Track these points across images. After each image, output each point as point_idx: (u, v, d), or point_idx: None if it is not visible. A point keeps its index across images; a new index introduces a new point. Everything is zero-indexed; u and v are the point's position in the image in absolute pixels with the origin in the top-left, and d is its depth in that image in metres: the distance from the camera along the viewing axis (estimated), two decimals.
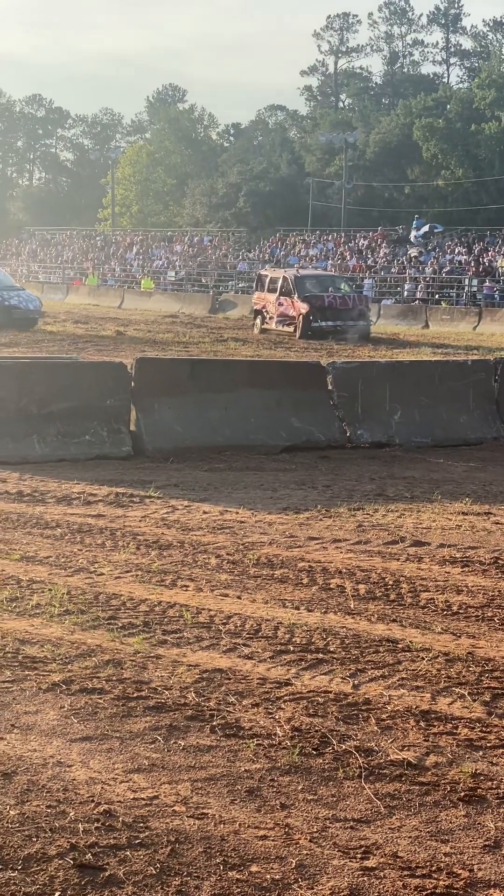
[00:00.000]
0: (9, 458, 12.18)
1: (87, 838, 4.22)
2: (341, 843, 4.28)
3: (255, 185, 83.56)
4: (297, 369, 15.84)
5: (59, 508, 10.08)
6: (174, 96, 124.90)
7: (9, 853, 4.10)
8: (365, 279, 55.25)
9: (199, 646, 6.46)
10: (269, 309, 36.22)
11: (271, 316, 36.04)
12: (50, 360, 16.47)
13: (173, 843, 4.21)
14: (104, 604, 7.19)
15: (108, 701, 5.59)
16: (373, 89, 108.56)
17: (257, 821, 4.43)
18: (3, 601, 7.14)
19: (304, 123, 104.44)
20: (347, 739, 5.21)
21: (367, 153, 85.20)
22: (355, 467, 12.79)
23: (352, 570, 8.19)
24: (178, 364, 15.67)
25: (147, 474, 11.85)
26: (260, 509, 10.24)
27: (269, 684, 5.86)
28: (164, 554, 8.53)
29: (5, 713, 5.40)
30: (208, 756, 5.00)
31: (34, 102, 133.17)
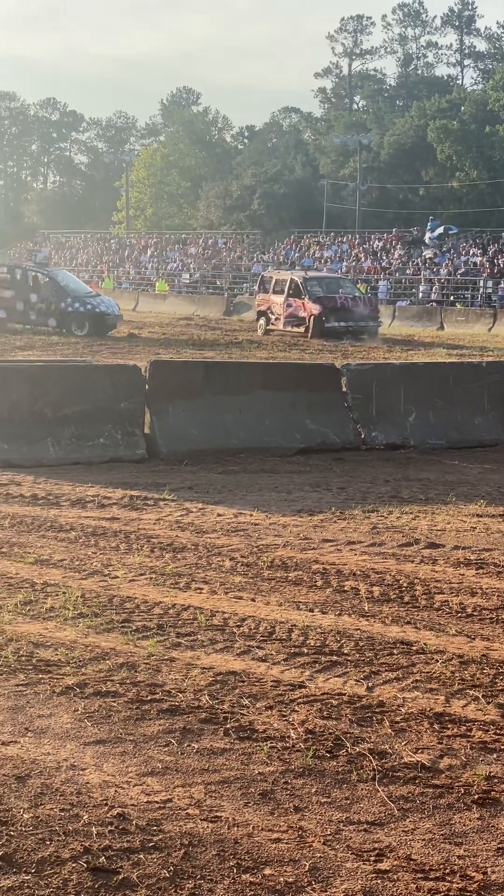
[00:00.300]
0: (23, 461, 12.20)
1: (101, 841, 4.22)
2: (355, 846, 4.27)
3: (270, 187, 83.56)
4: (312, 371, 15.83)
5: (74, 511, 10.09)
6: (188, 99, 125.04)
7: (23, 856, 4.11)
8: (380, 281, 55.22)
9: (213, 648, 6.46)
10: (274, 310, 36.79)
11: (278, 317, 36.59)
12: (64, 363, 16.51)
13: (187, 846, 4.21)
14: (118, 607, 7.20)
15: (122, 704, 5.59)
16: (387, 91, 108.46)
17: (271, 823, 4.42)
18: (18, 604, 7.15)
19: (319, 125, 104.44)
20: (361, 742, 5.20)
21: (382, 155, 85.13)
22: (370, 469, 12.77)
23: (366, 572, 8.18)
24: (193, 367, 15.66)
25: (161, 477, 11.86)
26: (274, 511, 10.23)
27: (283, 687, 5.86)
28: (178, 556, 8.53)
29: (19, 717, 5.41)
30: (222, 759, 5.00)
31: (48, 106, 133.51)
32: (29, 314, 34.35)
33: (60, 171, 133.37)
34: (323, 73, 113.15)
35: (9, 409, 12.54)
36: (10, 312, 34.20)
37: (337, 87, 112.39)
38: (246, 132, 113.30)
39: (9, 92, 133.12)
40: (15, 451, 12.35)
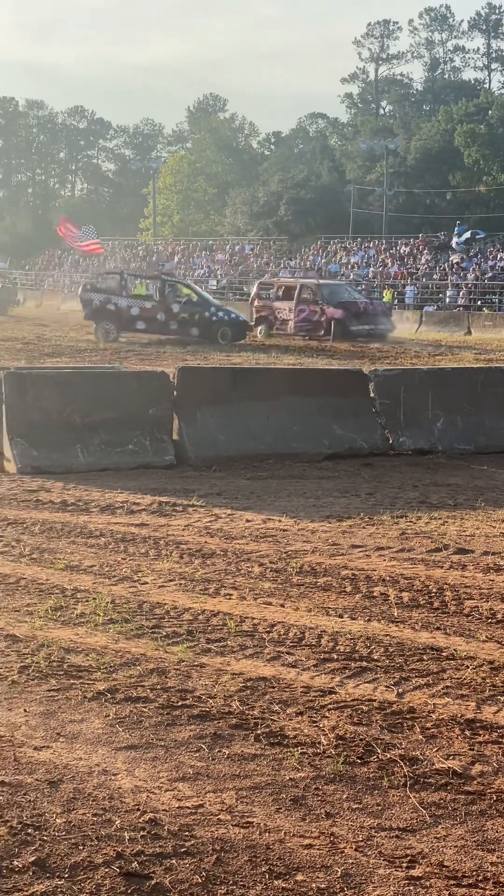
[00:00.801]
0: (53, 468, 12.25)
1: (133, 847, 4.23)
2: (387, 853, 4.27)
3: (296, 193, 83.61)
4: (339, 377, 15.82)
5: (103, 518, 10.12)
6: (215, 106, 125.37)
7: (56, 861, 4.13)
8: (406, 286, 55.14)
9: (243, 654, 6.47)
10: (280, 316, 38.00)
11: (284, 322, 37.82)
12: (93, 369, 16.56)
13: (219, 852, 4.22)
14: (148, 612, 7.22)
15: (153, 710, 5.61)
16: (413, 96, 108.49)
17: (302, 829, 4.43)
18: (48, 610, 7.18)
19: (345, 131, 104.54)
20: (392, 748, 5.19)
21: (409, 160, 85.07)
22: (398, 475, 12.76)
23: (395, 577, 8.17)
24: (220, 373, 15.70)
25: (190, 483, 11.88)
26: (303, 517, 10.24)
27: (314, 693, 5.86)
28: (207, 562, 8.55)
29: (51, 722, 5.43)
30: (253, 765, 5.01)
31: (76, 114, 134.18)
32: (169, 325, 34.40)
33: (88, 178, 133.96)
34: (349, 79, 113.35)
35: (39, 415, 12.59)
36: (150, 323, 34.30)
37: (363, 92, 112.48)
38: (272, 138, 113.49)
39: (37, 100, 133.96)
40: (45, 457, 12.40)
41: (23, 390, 12.59)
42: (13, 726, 5.35)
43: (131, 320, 34.39)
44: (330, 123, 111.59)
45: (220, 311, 35.04)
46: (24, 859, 4.12)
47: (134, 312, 34.45)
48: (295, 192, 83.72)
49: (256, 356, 29.52)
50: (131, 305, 34.65)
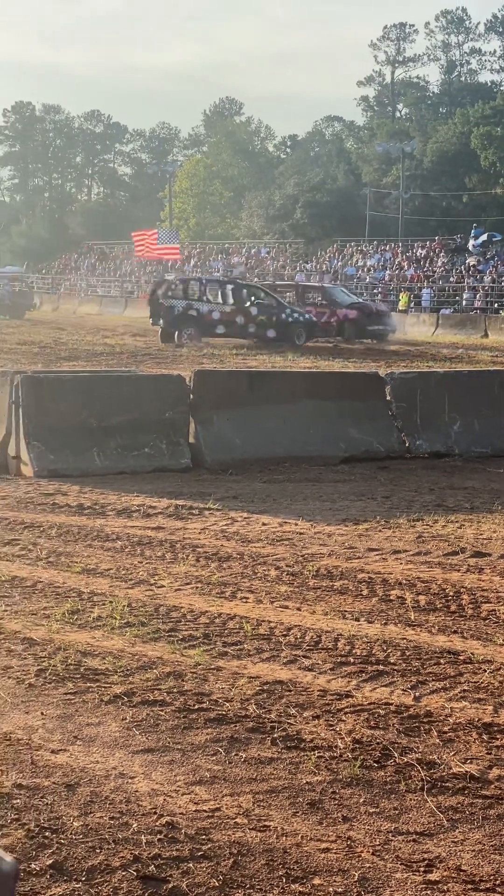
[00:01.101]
0: (70, 471, 12.27)
1: (150, 850, 4.23)
2: (404, 857, 4.26)
3: (312, 196, 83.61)
4: (355, 380, 15.82)
5: (120, 521, 10.13)
6: (231, 109, 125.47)
7: (73, 864, 4.13)
8: (423, 289, 55.08)
9: (260, 657, 6.46)
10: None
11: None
12: (109, 373, 16.59)
13: (236, 856, 4.21)
14: (164, 616, 7.22)
15: (170, 713, 5.61)
16: (430, 98, 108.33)
17: (319, 833, 4.42)
18: (65, 614, 7.19)
19: (361, 134, 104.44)
20: (409, 752, 5.18)
21: (425, 162, 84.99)
22: (414, 478, 12.74)
23: (412, 581, 8.16)
24: (236, 376, 15.71)
25: (206, 486, 11.88)
26: (319, 520, 10.23)
27: (330, 696, 5.85)
28: (223, 566, 8.55)
29: (68, 725, 5.44)
30: (270, 768, 5.00)
31: (92, 118, 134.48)
32: (248, 327, 35.02)
33: (104, 182, 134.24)
34: (365, 82, 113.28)
35: (55, 419, 12.62)
36: (230, 327, 34.85)
37: (380, 95, 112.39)
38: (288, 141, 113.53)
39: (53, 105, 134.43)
40: (62, 461, 12.42)
41: (39, 394, 12.62)
42: (30, 729, 5.35)
43: (213, 325, 34.95)
44: (346, 126, 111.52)
45: (295, 312, 35.81)
46: (41, 862, 4.12)
47: (215, 317, 35.03)
48: (311, 195, 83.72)
49: (273, 359, 29.52)
50: (212, 310, 35.17)
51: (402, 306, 52.99)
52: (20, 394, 12.47)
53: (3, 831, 4.31)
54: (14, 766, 4.93)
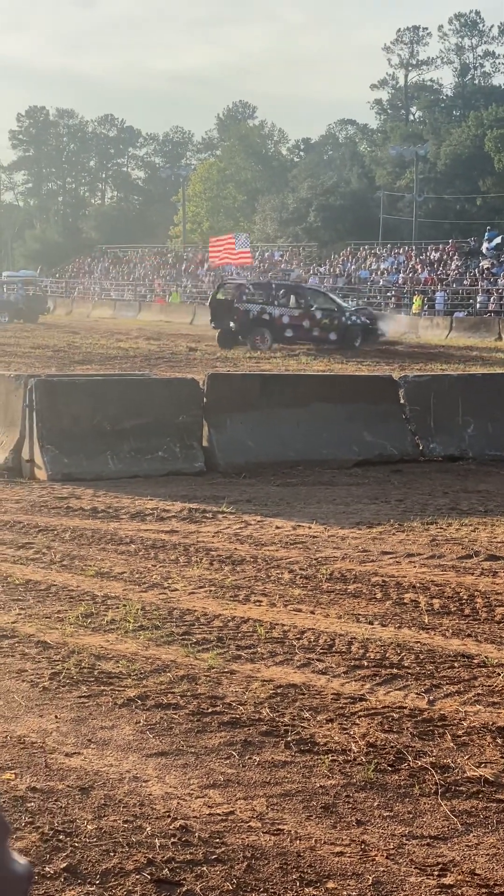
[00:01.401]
0: (83, 475, 12.29)
1: (164, 853, 4.23)
2: (418, 860, 4.25)
3: (326, 199, 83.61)
4: (369, 383, 15.81)
5: (133, 524, 10.14)
6: (244, 113, 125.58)
7: (87, 868, 4.13)
8: (437, 292, 55.02)
9: (273, 661, 6.46)
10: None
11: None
12: (123, 377, 16.60)
13: (249, 859, 4.21)
14: (178, 619, 7.22)
15: (183, 716, 5.61)
16: (443, 101, 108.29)
17: (333, 837, 4.42)
18: (79, 617, 7.20)
19: (375, 137, 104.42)
20: (423, 756, 5.17)
21: (439, 165, 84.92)
22: (428, 481, 12.73)
23: (426, 584, 8.15)
24: (250, 379, 15.70)
25: (220, 490, 11.89)
26: (333, 524, 10.22)
27: (344, 700, 5.85)
28: (237, 569, 8.55)
29: (82, 728, 5.44)
30: (283, 772, 5.00)
31: (106, 122, 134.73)
32: (313, 331, 35.52)
33: (118, 186, 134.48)
34: (379, 85, 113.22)
35: (69, 423, 12.64)
36: (297, 331, 35.39)
37: (393, 98, 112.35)
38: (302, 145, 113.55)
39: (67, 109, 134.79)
40: (75, 464, 12.44)
41: (53, 398, 12.64)
42: (44, 733, 5.36)
43: (283, 328, 35.41)
44: (359, 130, 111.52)
45: (353, 315, 36.31)
46: (55, 865, 4.13)
47: (285, 321, 35.50)
48: (324, 198, 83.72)
49: (286, 362, 29.53)
50: (283, 314, 35.64)
51: (416, 309, 52.95)
52: (34, 397, 12.49)
53: (18, 834, 4.32)
54: (28, 769, 4.94)
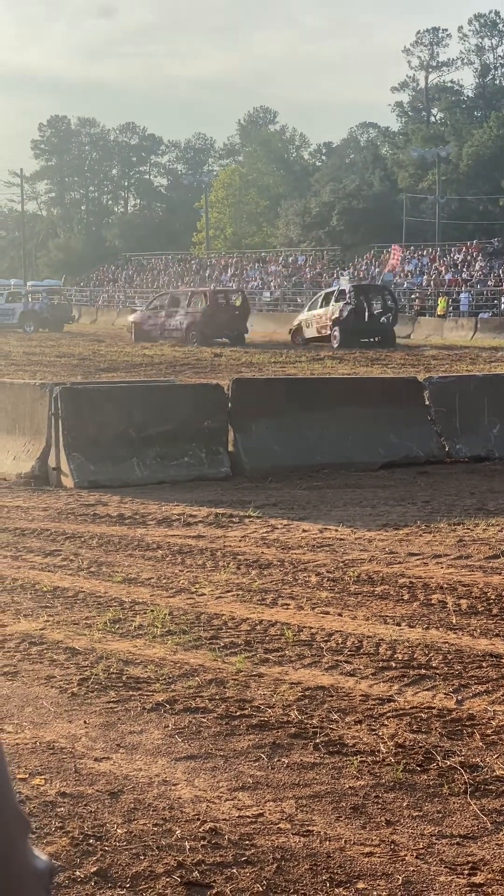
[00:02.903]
0: (110, 482, 12.32)
1: (194, 856, 4.24)
2: (448, 860, 4.25)
3: (349, 202, 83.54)
4: (394, 385, 15.80)
5: (160, 530, 10.16)
6: (265, 118, 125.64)
7: (117, 871, 4.14)
8: (461, 293, 54.88)
9: (301, 663, 6.46)
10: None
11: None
12: (148, 383, 16.64)
13: (279, 861, 4.22)
14: (206, 624, 7.24)
15: (212, 720, 5.62)
16: (465, 102, 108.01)
17: (363, 837, 4.41)
18: (107, 623, 7.22)
19: (396, 139, 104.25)
20: (452, 755, 5.17)
21: (461, 166, 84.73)
22: (455, 482, 12.70)
23: (453, 585, 8.13)
24: (275, 384, 15.73)
25: (246, 494, 11.90)
26: (359, 526, 10.21)
27: (372, 701, 5.84)
28: (264, 573, 8.56)
29: (111, 733, 5.46)
30: (312, 773, 5.00)
31: (128, 130, 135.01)
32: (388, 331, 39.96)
33: (140, 194, 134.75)
34: (400, 87, 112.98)
35: (95, 430, 12.68)
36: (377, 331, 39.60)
37: (414, 100, 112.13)
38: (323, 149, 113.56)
39: (89, 118, 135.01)
40: (102, 471, 12.48)
41: (79, 405, 12.69)
42: (73, 738, 5.38)
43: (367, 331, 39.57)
44: (381, 132, 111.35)
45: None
46: (85, 870, 4.15)
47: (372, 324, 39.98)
48: (347, 201, 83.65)
49: (311, 366, 29.53)
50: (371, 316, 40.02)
51: (441, 311, 52.82)
52: (59, 406, 12.54)
53: (48, 839, 4.34)
54: (58, 774, 4.96)
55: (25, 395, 13.28)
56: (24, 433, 13.05)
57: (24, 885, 1.26)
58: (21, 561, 9.00)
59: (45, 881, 1.30)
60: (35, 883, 1.28)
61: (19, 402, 13.27)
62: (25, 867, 1.27)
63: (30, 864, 1.29)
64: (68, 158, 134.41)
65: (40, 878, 1.29)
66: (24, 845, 1.29)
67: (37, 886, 1.28)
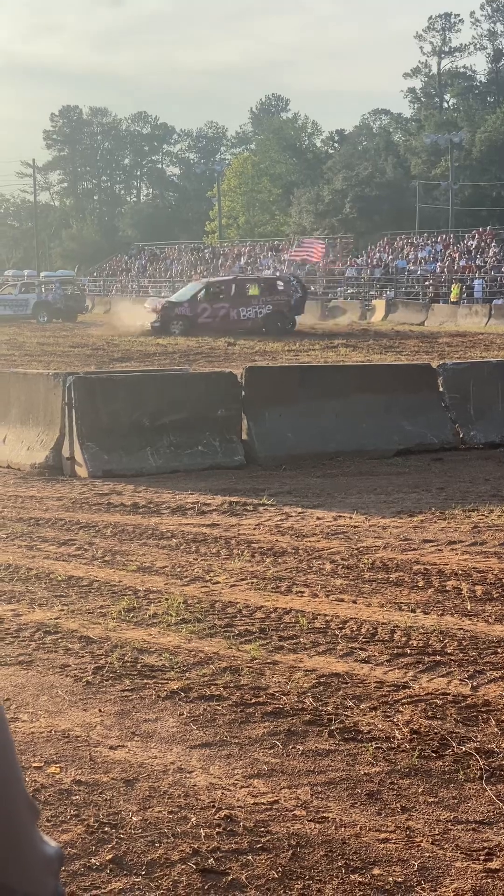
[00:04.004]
0: (123, 471, 12.33)
1: (209, 843, 4.24)
2: (463, 846, 4.24)
3: (361, 190, 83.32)
4: (407, 372, 15.76)
5: (174, 519, 10.17)
6: (277, 106, 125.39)
7: (133, 859, 4.15)
8: (475, 280, 54.73)
9: (316, 651, 6.46)
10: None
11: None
12: (161, 372, 16.64)
13: (295, 847, 4.22)
14: (220, 612, 7.24)
15: (227, 707, 5.62)
16: (477, 88, 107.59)
17: (378, 824, 4.41)
18: (122, 611, 7.23)
19: (409, 126, 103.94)
20: (467, 741, 5.16)
21: (474, 152, 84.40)
22: (469, 469, 12.67)
23: (468, 571, 8.12)
24: (288, 372, 15.70)
25: (260, 482, 11.89)
26: (373, 513, 10.20)
27: (387, 687, 5.84)
28: (278, 561, 8.55)
29: (126, 721, 5.47)
30: (327, 760, 5.00)
31: (140, 120, 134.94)
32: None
33: (153, 183, 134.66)
34: (412, 73, 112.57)
35: (109, 419, 12.68)
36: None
37: (426, 86, 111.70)
38: (336, 136, 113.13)
39: (101, 108, 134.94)
40: (115, 461, 12.48)
41: (92, 395, 12.69)
42: (89, 726, 5.39)
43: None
44: (393, 119, 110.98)
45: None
46: (101, 857, 4.15)
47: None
48: (359, 189, 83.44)
49: (325, 354, 29.50)
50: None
51: (454, 297, 52.70)
52: (73, 395, 12.54)
53: (63, 827, 4.35)
54: (73, 762, 4.97)
55: (39, 386, 13.29)
56: (38, 423, 13.06)
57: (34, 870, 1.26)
58: (35, 550, 9.02)
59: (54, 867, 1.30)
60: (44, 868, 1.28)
61: (33, 393, 13.28)
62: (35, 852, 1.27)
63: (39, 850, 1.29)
64: (80, 148, 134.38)
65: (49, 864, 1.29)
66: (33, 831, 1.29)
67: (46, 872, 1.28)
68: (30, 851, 1.27)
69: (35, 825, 1.29)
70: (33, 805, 1.29)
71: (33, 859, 1.27)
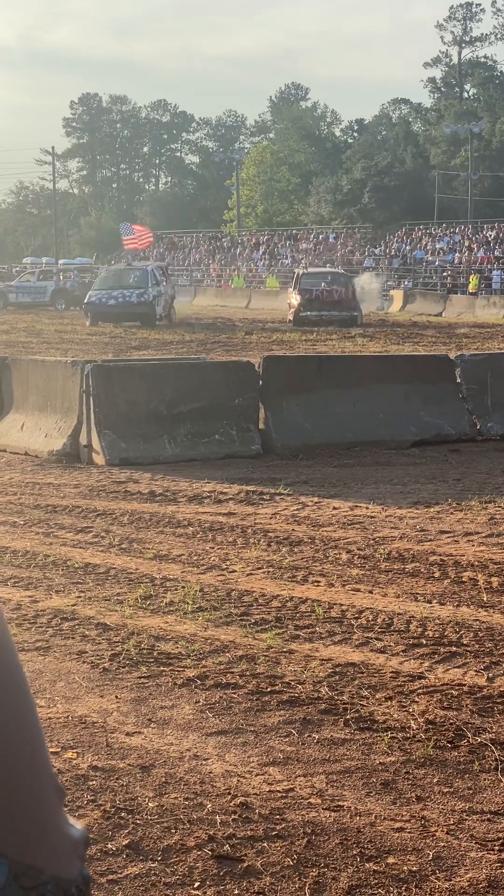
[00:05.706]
0: (141, 459, 12.36)
1: (225, 830, 4.27)
2: (478, 836, 4.26)
3: (380, 180, 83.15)
4: (425, 363, 15.73)
5: (191, 507, 10.19)
6: (297, 95, 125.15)
7: (148, 844, 4.18)
8: (493, 271, 54.59)
9: (332, 640, 6.48)
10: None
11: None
12: (179, 360, 16.66)
13: (310, 835, 4.24)
14: (236, 600, 7.26)
15: (243, 695, 5.64)
16: (498, 78, 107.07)
17: (393, 813, 4.43)
18: (138, 599, 7.26)
19: (429, 116, 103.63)
20: (483, 732, 5.17)
21: (494, 143, 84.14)
22: (486, 460, 12.66)
23: (484, 562, 8.12)
24: (306, 361, 15.69)
25: (277, 472, 11.90)
26: (390, 504, 10.21)
27: (403, 678, 5.85)
28: (294, 550, 8.57)
29: (142, 708, 5.49)
30: (343, 749, 5.02)
31: (159, 108, 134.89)
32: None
33: (172, 171, 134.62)
34: (432, 63, 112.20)
35: (126, 407, 12.71)
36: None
37: (447, 75, 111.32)
38: (355, 125, 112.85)
39: (120, 96, 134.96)
40: (133, 449, 12.51)
41: (110, 383, 12.71)
42: (105, 713, 5.42)
43: None
44: (413, 109, 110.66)
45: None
46: (117, 842, 4.18)
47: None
48: (378, 179, 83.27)
49: (342, 344, 29.47)
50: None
51: (472, 289, 52.57)
52: (91, 383, 12.57)
53: (80, 812, 4.37)
54: (90, 748, 5.00)
55: (57, 373, 13.32)
56: (56, 411, 13.10)
57: (61, 851, 1.28)
58: (53, 537, 9.05)
59: (80, 849, 1.31)
60: (71, 850, 1.29)
61: (51, 380, 13.32)
62: (61, 834, 1.29)
63: (65, 832, 1.30)
64: (100, 136, 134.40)
65: (75, 846, 1.30)
66: (60, 813, 1.30)
67: (72, 854, 1.29)
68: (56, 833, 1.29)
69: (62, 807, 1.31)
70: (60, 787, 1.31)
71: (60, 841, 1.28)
